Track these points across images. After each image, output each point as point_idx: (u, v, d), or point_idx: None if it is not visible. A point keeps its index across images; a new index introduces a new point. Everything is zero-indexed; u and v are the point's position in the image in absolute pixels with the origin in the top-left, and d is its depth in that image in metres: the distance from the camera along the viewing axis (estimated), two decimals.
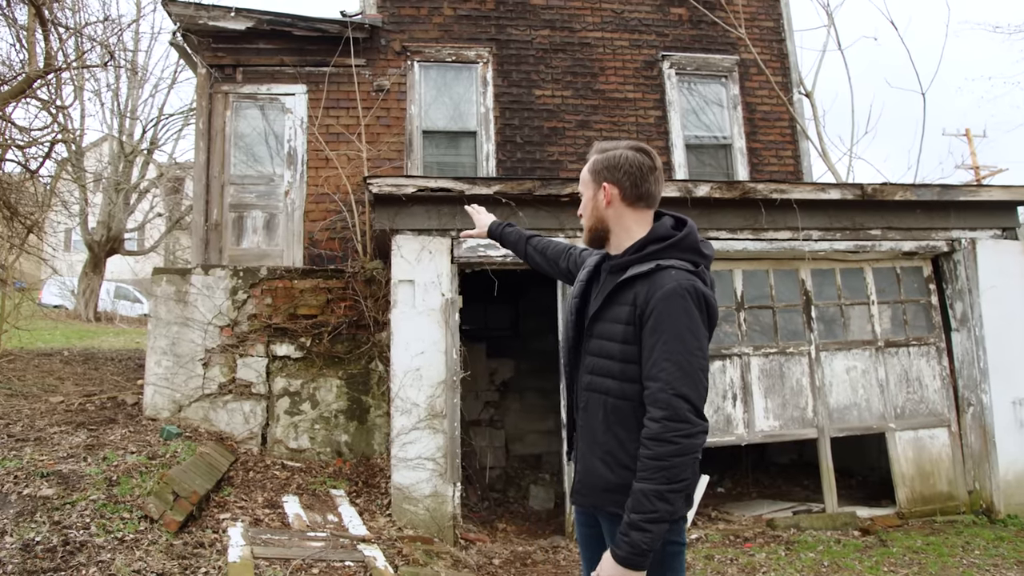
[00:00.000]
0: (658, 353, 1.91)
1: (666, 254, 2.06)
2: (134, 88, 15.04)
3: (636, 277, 2.03)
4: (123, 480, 4.61)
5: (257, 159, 8.13)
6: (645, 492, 1.86)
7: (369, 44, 8.22)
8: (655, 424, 1.88)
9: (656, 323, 1.93)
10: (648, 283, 1.99)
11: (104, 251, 15.70)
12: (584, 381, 2.14)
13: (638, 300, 1.99)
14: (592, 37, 8.72)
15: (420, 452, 5.41)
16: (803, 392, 6.25)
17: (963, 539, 5.55)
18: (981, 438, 6.26)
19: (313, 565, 4.15)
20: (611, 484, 2.03)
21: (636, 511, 1.87)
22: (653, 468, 1.86)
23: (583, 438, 2.14)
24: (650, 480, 1.86)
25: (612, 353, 2.05)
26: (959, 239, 6.49)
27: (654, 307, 1.94)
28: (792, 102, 9.06)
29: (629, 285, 2.04)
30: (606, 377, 2.07)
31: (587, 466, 2.11)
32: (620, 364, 2.03)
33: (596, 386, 2.10)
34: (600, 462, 2.07)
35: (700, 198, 5.92)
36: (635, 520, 1.86)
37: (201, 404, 6.40)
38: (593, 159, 2.20)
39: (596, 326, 2.12)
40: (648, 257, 2.06)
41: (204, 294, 6.58)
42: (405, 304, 5.55)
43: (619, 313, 2.05)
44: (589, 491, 2.11)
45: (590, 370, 2.12)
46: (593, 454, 2.09)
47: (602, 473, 2.06)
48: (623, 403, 2.03)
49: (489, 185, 5.69)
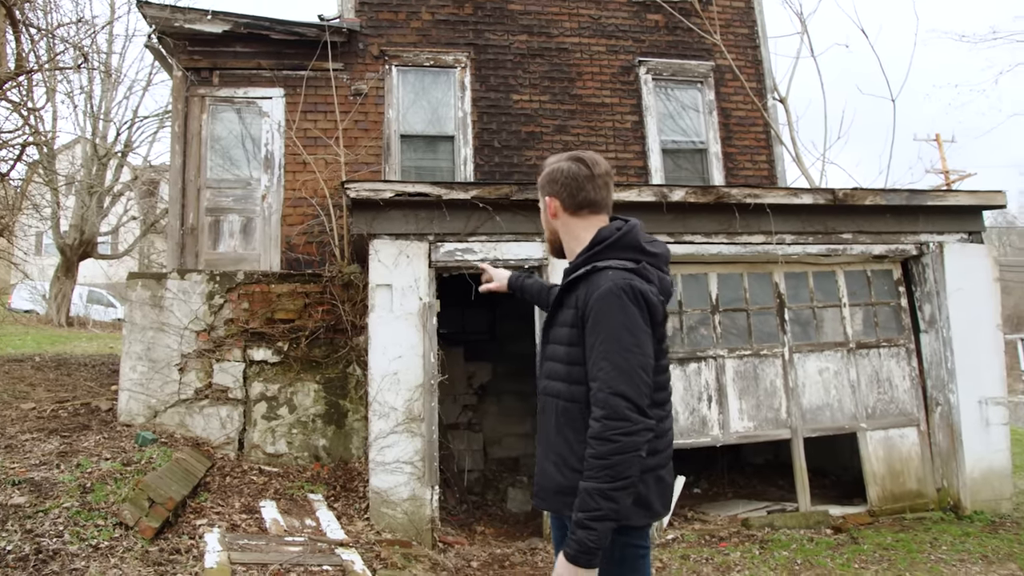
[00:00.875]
0: (596, 353, 1.95)
1: (603, 255, 2.09)
2: (108, 90, 14.85)
3: (577, 280, 2.08)
4: (97, 487, 4.56)
5: (234, 163, 8.09)
6: (589, 491, 1.87)
7: (347, 48, 8.22)
8: (596, 423, 1.90)
9: (594, 323, 1.97)
10: (586, 285, 2.04)
11: (77, 255, 15.47)
12: (540, 386, 2.21)
13: (579, 302, 2.04)
14: (569, 42, 8.79)
15: (398, 456, 5.42)
16: (777, 393, 6.35)
17: (931, 535, 5.68)
18: (949, 437, 6.40)
19: (291, 570, 4.14)
20: (562, 487, 2.04)
21: (581, 509, 1.88)
22: (597, 467, 1.88)
23: (539, 441, 2.19)
24: (594, 479, 1.87)
25: (560, 356, 2.10)
26: (927, 243, 6.63)
27: (591, 307, 1.97)
28: (767, 108, 9.20)
29: (572, 288, 2.09)
30: (556, 380, 2.11)
31: (542, 469, 2.15)
32: (567, 367, 2.07)
33: (549, 390, 2.15)
34: (552, 465, 2.10)
35: (675, 203, 6.00)
36: (580, 519, 1.87)
37: (177, 409, 6.35)
38: (543, 173, 2.29)
39: (549, 332, 2.20)
40: (588, 260, 2.11)
41: (180, 299, 6.53)
42: (383, 308, 5.56)
43: (565, 317, 2.10)
44: (545, 494, 2.14)
45: (544, 375, 2.19)
46: (547, 457, 2.13)
47: (553, 475, 2.09)
48: (571, 405, 2.06)
49: (466, 190, 5.72)
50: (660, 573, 4.93)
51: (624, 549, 2.02)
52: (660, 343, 2.07)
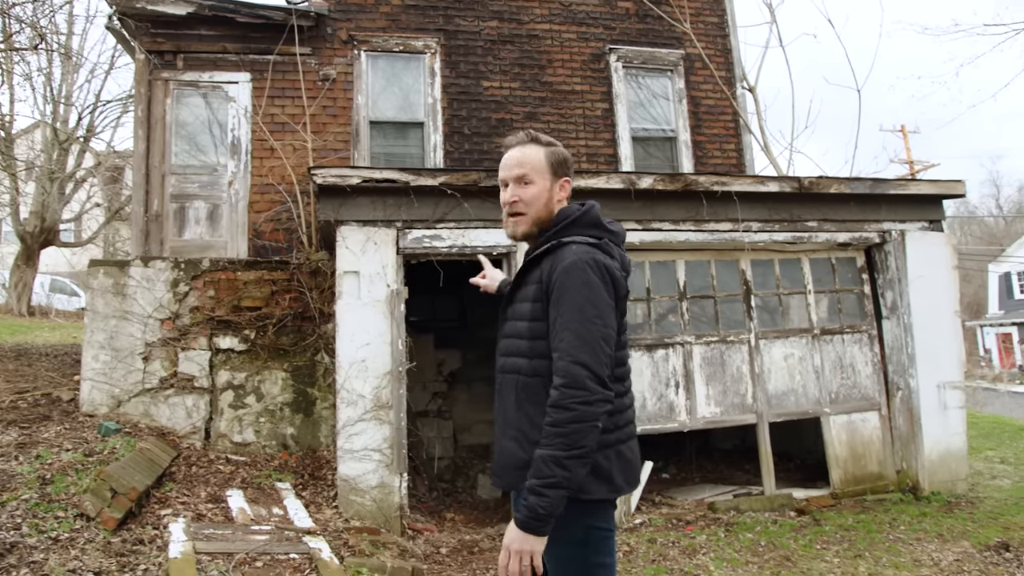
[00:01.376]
0: (559, 324, 1.96)
1: (566, 232, 2.12)
2: (68, 73, 14.45)
3: (541, 255, 2.10)
4: (58, 478, 4.48)
5: (200, 148, 7.94)
6: (544, 458, 1.89)
7: (315, 33, 8.10)
8: (555, 392, 1.92)
9: (558, 295, 1.98)
10: (551, 259, 2.06)
11: (38, 243, 15.08)
12: (499, 364, 2.19)
13: (543, 276, 2.05)
14: (540, 29, 8.76)
15: (366, 443, 5.40)
16: (743, 379, 6.44)
17: (890, 516, 5.82)
18: (908, 420, 6.56)
19: (257, 559, 4.12)
20: (523, 462, 2.02)
21: (535, 476, 1.89)
22: (552, 434, 1.89)
23: (497, 420, 2.18)
24: (549, 446, 1.89)
25: (522, 332, 2.10)
26: (890, 231, 6.76)
27: (556, 279, 1.99)
28: (736, 96, 9.27)
29: (536, 264, 2.11)
30: (517, 356, 2.11)
31: (501, 447, 2.13)
32: (529, 341, 2.07)
33: (508, 367, 2.14)
34: (513, 441, 2.09)
35: (643, 190, 6.03)
36: (533, 484, 1.88)
37: (141, 399, 6.25)
38: (545, 151, 2.19)
39: (509, 308, 2.18)
40: (553, 236, 2.13)
41: (144, 287, 6.42)
42: (350, 295, 5.52)
43: (527, 292, 2.11)
44: (503, 471, 2.12)
45: (503, 352, 2.18)
46: (506, 435, 2.12)
47: (514, 452, 2.07)
48: (533, 380, 2.06)
49: (435, 176, 5.69)
50: (627, 557, 5.00)
51: (588, 531, 2.03)
52: (622, 317, 2.09)
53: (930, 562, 4.81)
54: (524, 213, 2.16)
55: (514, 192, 2.16)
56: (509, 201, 2.17)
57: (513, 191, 2.16)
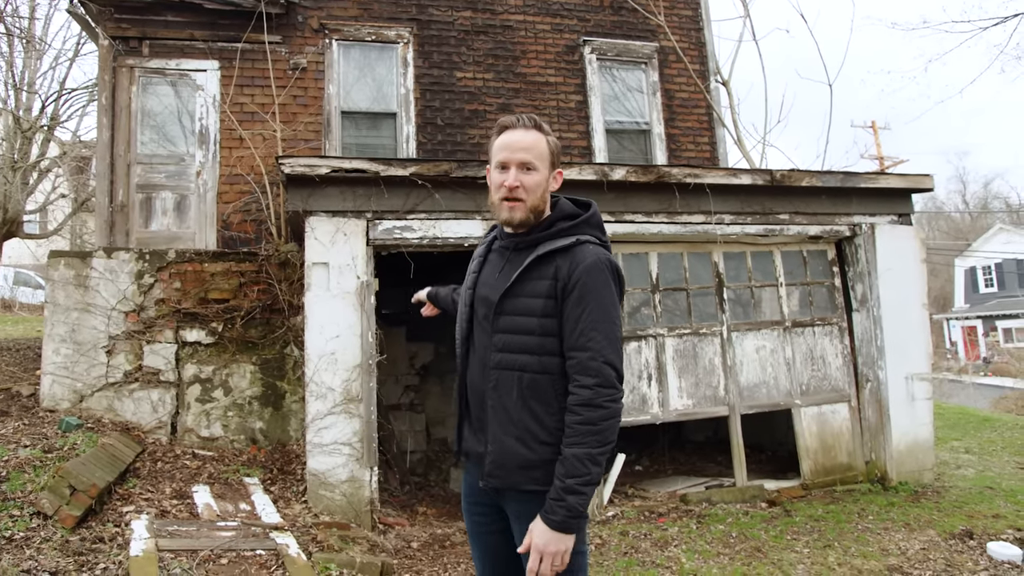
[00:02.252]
0: (584, 324, 1.98)
1: (579, 230, 2.12)
2: (31, 59, 14.05)
3: (555, 251, 2.06)
4: (14, 475, 4.35)
5: (167, 138, 7.76)
6: (579, 456, 1.92)
7: (285, 20, 7.95)
8: (586, 391, 1.94)
9: (581, 295, 1.99)
10: (569, 256, 2.03)
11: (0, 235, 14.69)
12: (493, 360, 2.10)
13: (560, 273, 2.02)
14: (514, 20, 8.69)
15: (336, 437, 5.33)
16: (715, 371, 6.46)
17: (859, 506, 5.89)
18: (877, 412, 6.63)
19: (222, 555, 4.04)
20: (528, 461, 2.02)
21: (571, 475, 1.92)
22: (584, 432, 1.93)
23: (494, 418, 2.10)
24: (582, 444, 1.92)
25: (530, 328, 2.05)
26: (860, 224, 6.81)
27: (578, 279, 1.99)
28: (709, 90, 9.29)
29: (548, 259, 2.06)
30: (521, 353, 2.06)
31: (502, 447, 2.07)
32: (539, 338, 2.04)
33: (509, 363, 2.07)
34: (516, 440, 2.05)
35: (616, 181, 6.01)
36: (571, 484, 1.91)
37: (105, 393, 6.10)
38: (548, 140, 2.15)
39: (508, 303, 2.09)
40: (562, 233, 2.10)
41: (107, 278, 6.25)
42: (319, 287, 5.42)
43: (538, 287, 2.05)
44: (504, 472, 2.07)
45: (500, 348, 2.09)
46: (507, 433, 2.06)
47: (518, 451, 2.04)
48: (541, 377, 2.04)
49: (405, 167, 5.61)
50: (599, 550, 4.99)
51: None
52: None
53: (897, 551, 4.87)
54: (523, 200, 2.09)
55: (517, 177, 2.08)
56: (511, 185, 2.08)
57: (516, 176, 2.08)
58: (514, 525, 2.16)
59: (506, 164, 2.11)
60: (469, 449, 2.23)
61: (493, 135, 2.19)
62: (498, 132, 2.16)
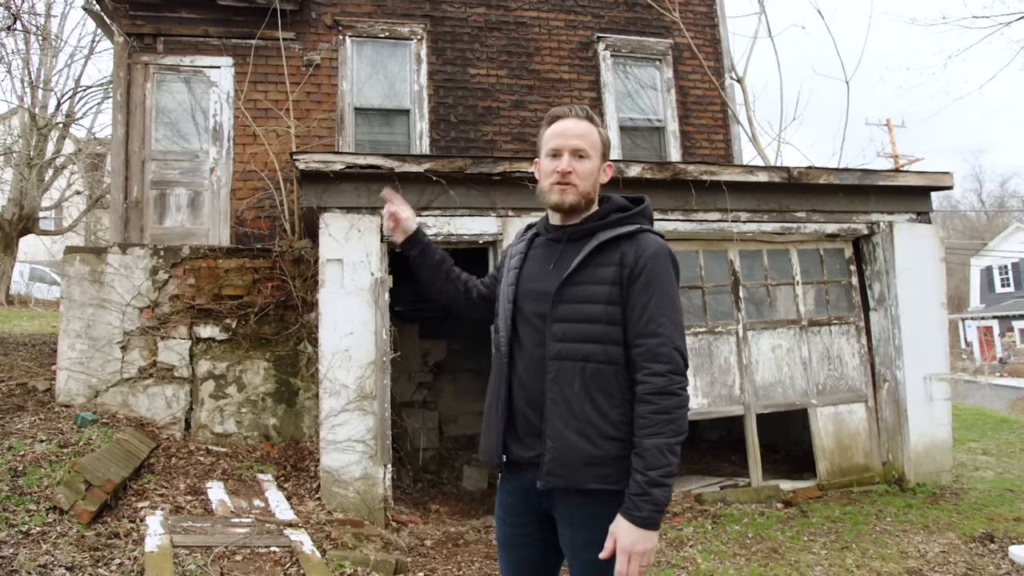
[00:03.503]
0: (653, 310, 1.95)
1: (637, 220, 2.10)
2: (47, 56, 14.15)
3: (619, 238, 2.04)
4: (30, 470, 4.36)
5: (181, 134, 7.78)
6: (658, 447, 1.87)
7: (299, 17, 7.94)
8: (659, 378, 1.91)
9: (648, 280, 1.97)
10: (634, 244, 2.02)
11: (16, 231, 14.80)
12: (553, 350, 2.01)
13: (626, 259, 2.00)
14: (528, 16, 8.65)
15: (350, 434, 5.31)
16: (731, 370, 6.40)
17: (877, 508, 5.81)
18: (895, 412, 6.55)
19: (236, 552, 4.03)
20: (593, 458, 1.94)
21: (652, 467, 1.86)
22: (661, 422, 1.88)
23: (554, 413, 1.99)
24: (660, 434, 1.87)
25: (594, 315, 1.99)
26: (878, 222, 6.73)
27: (645, 265, 1.98)
28: (724, 87, 9.21)
29: (612, 246, 2.03)
30: (585, 342, 1.99)
31: (564, 442, 1.96)
32: (603, 326, 1.98)
33: (570, 353, 1.99)
34: (578, 435, 1.96)
35: (632, 178, 5.96)
36: (654, 477, 1.85)
37: (120, 389, 6.12)
38: (600, 132, 2.14)
39: (569, 290, 2.02)
40: (620, 222, 2.08)
41: (122, 274, 6.27)
42: (333, 284, 5.41)
43: (602, 274, 2.01)
44: (567, 470, 1.96)
45: (560, 337, 2.00)
46: (568, 427, 1.96)
47: (582, 447, 1.95)
48: (606, 367, 1.98)
49: (419, 163, 5.58)
50: None
51: None
52: None
53: (916, 553, 4.80)
54: (575, 185, 2.07)
55: (570, 163, 2.06)
56: (565, 170, 2.05)
57: (569, 161, 2.06)
58: (564, 530, 2.05)
59: (559, 151, 2.09)
60: (516, 457, 2.09)
61: (543, 125, 2.16)
62: (549, 122, 2.14)
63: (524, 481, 2.09)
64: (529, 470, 2.06)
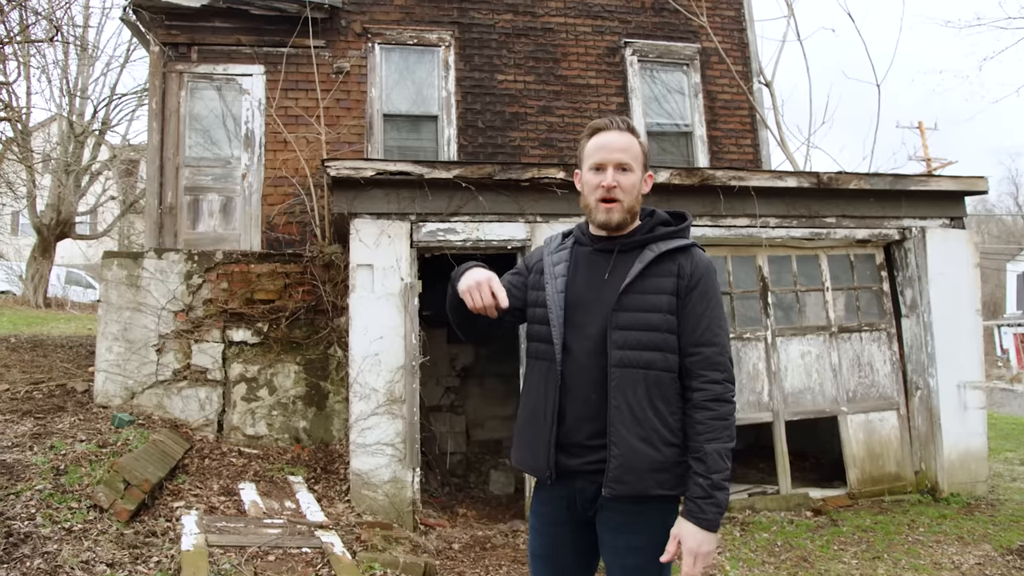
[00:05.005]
0: (708, 320, 2.04)
1: (685, 234, 2.17)
2: (84, 66, 14.51)
3: (675, 251, 2.09)
4: (71, 469, 4.48)
5: (214, 141, 7.94)
6: (719, 451, 1.95)
7: (329, 25, 8.06)
8: (717, 386, 1.99)
9: (702, 293, 2.05)
10: (690, 256, 2.09)
11: (54, 235, 15.18)
12: (615, 357, 2.02)
13: (683, 271, 2.06)
14: (555, 22, 8.69)
15: (379, 438, 5.38)
16: (759, 377, 6.36)
17: (909, 517, 5.73)
18: (928, 420, 6.45)
19: (269, 552, 4.10)
20: (657, 464, 1.98)
21: (715, 471, 1.94)
22: (720, 427, 1.97)
23: (618, 420, 2.00)
24: (719, 439, 1.96)
25: (655, 324, 2.03)
26: (910, 227, 6.65)
27: (701, 276, 2.06)
28: (752, 91, 9.16)
29: (669, 257, 2.08)
30: (647, 350, 2.02)
31: (630, 449, 1.98)
32: (664, 335, 2.03)
33: (633, 360, 2.01)
34: (643, 442, 1.98)
35: (660, 184, 5.96)
36: (717, 480, 1.93)
37: (155, 391, 6.25)
38: (641, 143, 2.16)
39: (629, 299, 2.05)
40: (668, 236, 2.13)
41: (157, 278, 6.42)
42: (363, 289, 5.48)
43: (662, 284, 2.06)
44: (634, 476, 1.98)
45: (622, 345, 2.02)
46: (632, 434, 1.98)
47: (647, 453, 1.98)
48: (665, 375, 2.03)
49: (448, 169, 5.64)
50: None
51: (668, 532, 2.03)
52: None
53: (951, 565, 4.73)
54: (620, 200, 2.09)
55: (615, 177, 2.08)
56: (610, 185, 2.07)
57: (613, 176, 2.08)
58: (607, 536, 2.07)
59: (602, 165, 2.10)
60: (563, 466, 2.07)
61: (584, 138, 2.17)
62: (590, 134, 2.16)
63: (569, 490, 2.10)
64: (577, 479, 2.07)
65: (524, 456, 2.17)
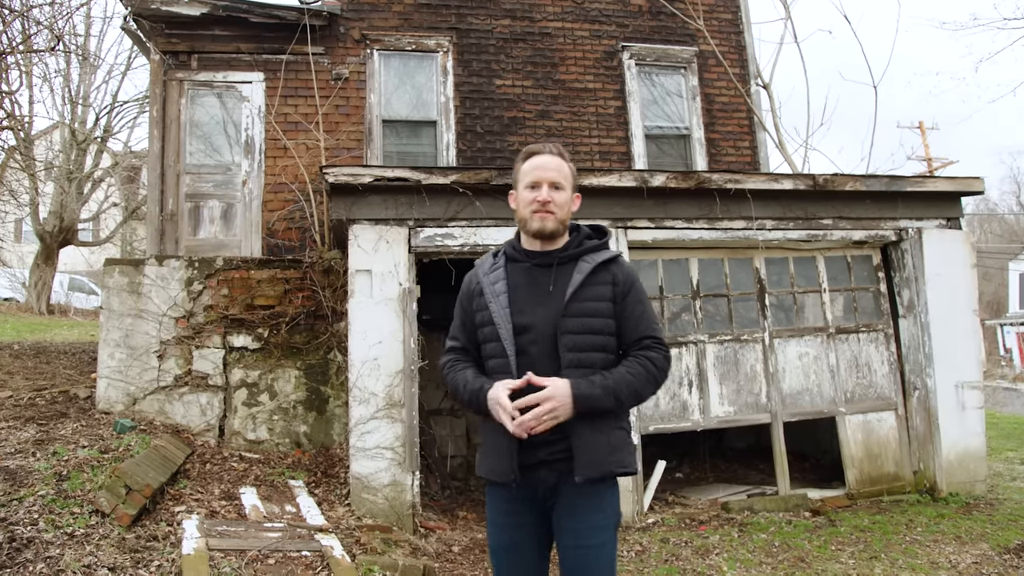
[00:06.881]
0: (647, 316, 2.38)
1: (609, 246, 2.48)
2: (86, 74, 14.61)
3: (608, 262, 2.38)
4: (74, 475, 4.53)
5: (214, 148, 8.00)
6: (629, 381, 2.25)
7: (327, 32, 8.12)
8: (662, 359, 2.33)
9: (636, 295, 2.37)
10: (619, 266, 2.40)
11: (56, 242, 15.27)
12: (566, 360, 2.26)
13: (617, 279, 2.35)
14: (552, 27, 8.74)
15: (379, 441, 5.41)
16: (757, 378, 6.39)
17: (907, 517, 5.75)
18: (926, 421, 6.47)
19: (269, 556, 4.14)
20: (612, 446, 2.26)
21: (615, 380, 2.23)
22: (645, 379, 2.28)
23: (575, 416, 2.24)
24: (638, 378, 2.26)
25: (599, 328, 2.30)
26: (906, 228, 6.67)
27: (632, 283, 2.38)
28: (750, 94, 9.19)
29: (604, 268, 2.36)
30: (593, 351, 2.29)
31: (591, 439, 2.24)
32: (606, 337, 2.31)
33: (582, 362, 2.26)
34: (597, 431, 2.24)
35: (656, 187, 6.00)
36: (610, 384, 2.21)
37: (156, 397, 6.30)
38: (572, 168, 2.44)
39: (575, 306, 2.30)
40: (597, 248, 2.42)
41: (158, 285, 6.47)
42: (362, 294, 5.53)
43: (601, 292, 2.33)
44: (595, 464, 2.23)
45: (571, 348, 2.27)
46: (586, 425, 2.23)
47: (602, 439, 2.25)
48: None
49: (446, 175, 5.69)
50: (640, 556, 4.97)
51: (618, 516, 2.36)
52: None
53: (948, 564, 4.75)
54: (554, 213, 2.35)
55: (549, 193, 2.34)
56: (544, 199, 2.34)
57: (548, 192, 2.34)
58: (568, 522, 2.28)
59: (538, 183, 2.35)
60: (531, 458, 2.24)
61: (519, 161, 2.44)
62: (525, 157, 2.42)
63: (532, 481, 2.29)
64: (540, 468, 2.28)
65: (490, 465, 2.35)
